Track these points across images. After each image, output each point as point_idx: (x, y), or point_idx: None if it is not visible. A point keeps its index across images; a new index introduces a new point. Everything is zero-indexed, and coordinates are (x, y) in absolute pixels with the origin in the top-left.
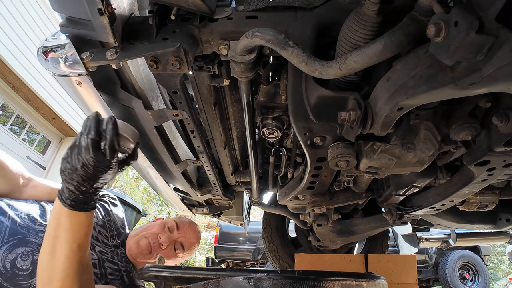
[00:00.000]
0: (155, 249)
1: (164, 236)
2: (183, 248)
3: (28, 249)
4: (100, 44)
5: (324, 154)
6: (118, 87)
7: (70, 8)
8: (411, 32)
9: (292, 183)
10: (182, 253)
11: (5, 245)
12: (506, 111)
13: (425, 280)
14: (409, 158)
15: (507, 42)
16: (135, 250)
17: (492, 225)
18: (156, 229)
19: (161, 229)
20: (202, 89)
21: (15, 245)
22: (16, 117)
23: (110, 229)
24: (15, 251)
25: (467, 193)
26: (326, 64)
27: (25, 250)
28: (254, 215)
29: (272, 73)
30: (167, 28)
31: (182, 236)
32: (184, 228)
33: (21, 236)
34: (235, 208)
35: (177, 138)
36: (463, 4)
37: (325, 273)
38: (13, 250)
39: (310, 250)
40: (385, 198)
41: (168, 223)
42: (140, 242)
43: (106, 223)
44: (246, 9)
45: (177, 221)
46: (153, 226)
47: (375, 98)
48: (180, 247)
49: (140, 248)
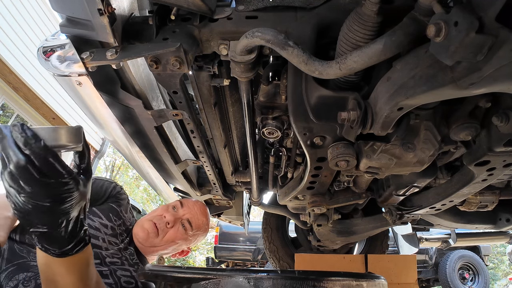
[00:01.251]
0: (161, 230)
1: (168, 215)
2: (190, 225)
3: (30, 274)
4: (100, 44)
5: (324, 154)
6: (118, 87)
7: (70, 8)
8: (411, 32)
9: (292, 183)
10: (191, 230)
11: (4, 272)
12: (506, 111)
13: (425, 280)
14: (409, 158)
15: (507, 42)
16: (141, 234)
17: (492, 225)
18: (159, 211)
19: (164, 210)
20: (202, 89)
21: (14, 271)
22: (16, 117)
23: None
24: (15, 278)
25: (467, 193)
26: (326, 64)
27: (26, 276)
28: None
29: (272, 73)
30: (167, 28)
31: (187, 212)
32: (188, 205)
33: (21, 261)
34: (235, 208)
35: (177, 138)
36: (463, 4)
37: (325, 273)
38: (14, 276)
39: (310, 250)
40: (385, 198)
41: (171, 203)
42: (145, 225)
43: (117, 229)
44: (246, 9)
45: (181, 200)
46: (156, 210)
47: (375, 98)
48: (188, 224)
49: (145, 232)
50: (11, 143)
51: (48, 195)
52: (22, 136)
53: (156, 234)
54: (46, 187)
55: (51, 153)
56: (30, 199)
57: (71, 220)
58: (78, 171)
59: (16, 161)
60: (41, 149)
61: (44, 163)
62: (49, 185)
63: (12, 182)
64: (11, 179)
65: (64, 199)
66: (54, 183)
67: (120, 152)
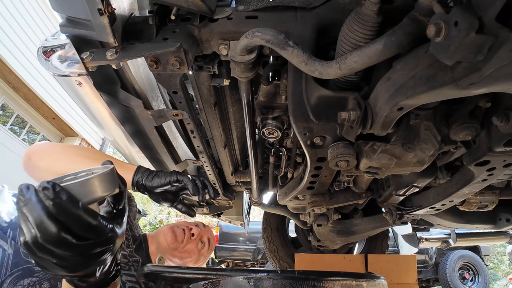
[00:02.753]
0: (186, 239)
1: (195, 228)
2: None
3: (35, 280)
4: (100, 44)
5: (324, 154)
6: (118, 87)
7: (70, 8)
8: (411, 32)
9: (292, 183)
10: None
11: (9, 277)
12: (506, 111)
13: (425, 280)
14: (409, 158)
15: (507, 42)
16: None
17: (492, 225)
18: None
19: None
20: (202, 89)
21: (19, 276)
22: (16, 117)
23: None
24: (20, 283)
25: (467, 193)
26: (326, 64)
27: (31, 281)
28: (254, 215)
29: (272, 73)
30: (167, 28)
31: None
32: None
33: (26, 266)
34: (235, 208)
35: (177, 138)
36: (463, 4)
37: (325, 273)
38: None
39: (310, 250)
40: (385, 198)
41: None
42: (176, 230)
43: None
44: (246, 9)
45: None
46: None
47: (375, 98)
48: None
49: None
50: (39, 210)
51: (87, 256)
52: (56, 201)
53: (183, 239)
54: (85, 249)
55: (91, 214)
56: (65, 263)
57: (106, 266)
58: (112, 213)
59: (49, 232)
60: (80, 214)
61: (84, 228)
62: (88, 247)
63: (41, 252)
64: (40, 250)
65: (104, 252)
66: (93, 244)
67: (120, 152)
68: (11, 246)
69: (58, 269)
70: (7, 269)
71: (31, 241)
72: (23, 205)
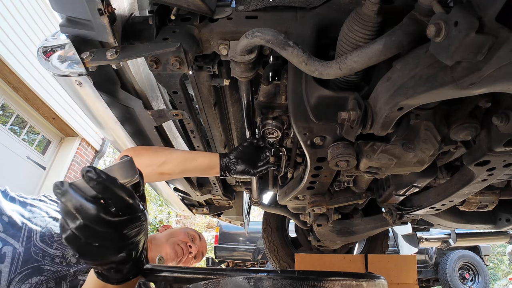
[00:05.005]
0: (184, 256)
1: (193, 246)
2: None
3: (43, 278)
4: (100, 44)
5: (324, 154)
6: (118, 87)
7: (70, 8)
8: (411, 32)
9: (292, 183)
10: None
11: (18, 275)
12: (506, 111)
13: (425, 280)
14: (409, 158)
15: (507, 42)
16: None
17: (492, 225)
18: (183, 237)
19: (187, 238)
20: (202, 89)
21: (28, 275)
22: (16, 117)
23: None
24: (28, 281)
25: (467, 193)
26: (326, 64)
27: (39, 279)
28: (254, 215)
29: (272, 73)
30: (167, 28)
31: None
32: (202, 239)
33: (36, 265)
34: (235, 208)
35: (177, 138)
36: (463, 4)
37: (325, 273)
38: (27, 280)
39: (310, 250)
40: (385, 198)
41: (190, 233)
42: (176, 249)
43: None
44: (246, 9)
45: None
46: (179, 233)
47: (375, 98)
48: (200, 257)
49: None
50: (77, 196)
51: (125, 236)
52: (99, 180)
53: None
54: (123, 225)
55: (128, 192)
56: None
57: (139, 250)
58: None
59: (89, 212)
60: (120, 191)
61: (122, 204)
62: (125, 223)
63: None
64: (83, 233)
65: (139, 232)
66: (129, 220)
67: (120, 152)
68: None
69: (101, 254)
70: (17, 267)
71: (75, 226)
72: (61, 196)
